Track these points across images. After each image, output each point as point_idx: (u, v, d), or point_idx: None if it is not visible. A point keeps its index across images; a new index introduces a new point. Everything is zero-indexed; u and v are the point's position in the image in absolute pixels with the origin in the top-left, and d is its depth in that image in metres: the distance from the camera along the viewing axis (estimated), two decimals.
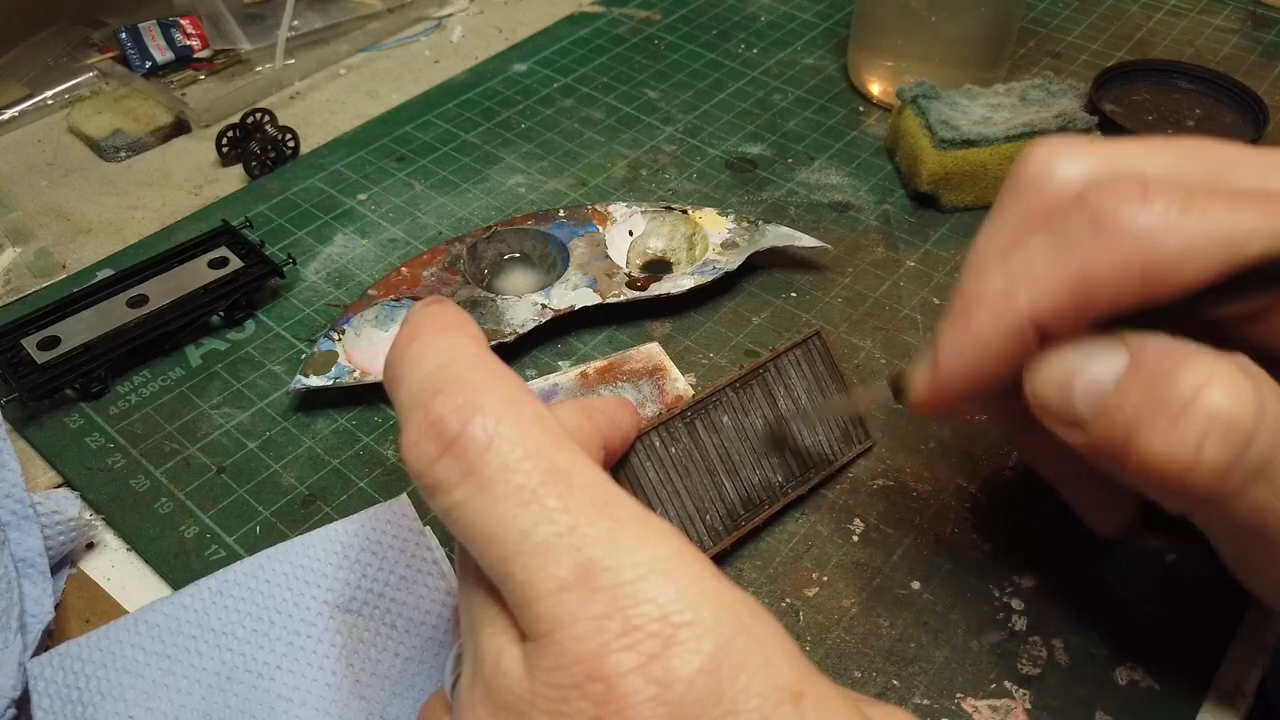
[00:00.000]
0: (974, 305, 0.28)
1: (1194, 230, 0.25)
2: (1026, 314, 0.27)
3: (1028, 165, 0.29)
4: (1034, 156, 0.29)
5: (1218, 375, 0.25)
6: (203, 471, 0.41)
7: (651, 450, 0.34)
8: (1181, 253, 0.25)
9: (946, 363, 0.29)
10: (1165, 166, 0.28)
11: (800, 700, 0.21)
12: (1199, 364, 0.25)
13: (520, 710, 0.21)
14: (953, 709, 0.33)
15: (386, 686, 0.32)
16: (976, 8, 0.55)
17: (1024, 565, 0.37)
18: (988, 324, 0.28)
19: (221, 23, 0.64)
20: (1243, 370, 0.25)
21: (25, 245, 0.51)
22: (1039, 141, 0.29)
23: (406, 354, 0.25)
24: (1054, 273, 0.26)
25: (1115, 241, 0.25)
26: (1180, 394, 0.25)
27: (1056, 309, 0.27)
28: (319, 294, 0.49)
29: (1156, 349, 0.26)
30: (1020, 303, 0.27)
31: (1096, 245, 0.26)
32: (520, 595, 0.22)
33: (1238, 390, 0.24)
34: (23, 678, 0.32)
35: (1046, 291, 0.27)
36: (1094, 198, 0.26)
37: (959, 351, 0.29)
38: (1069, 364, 0.27)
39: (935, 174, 0.51)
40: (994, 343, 0.28)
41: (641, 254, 0.50)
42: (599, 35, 0.67)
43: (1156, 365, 0.26)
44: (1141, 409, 0.25)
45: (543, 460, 0.22)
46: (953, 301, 0.29)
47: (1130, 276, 0.25)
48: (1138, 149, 0.28)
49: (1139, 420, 0.25)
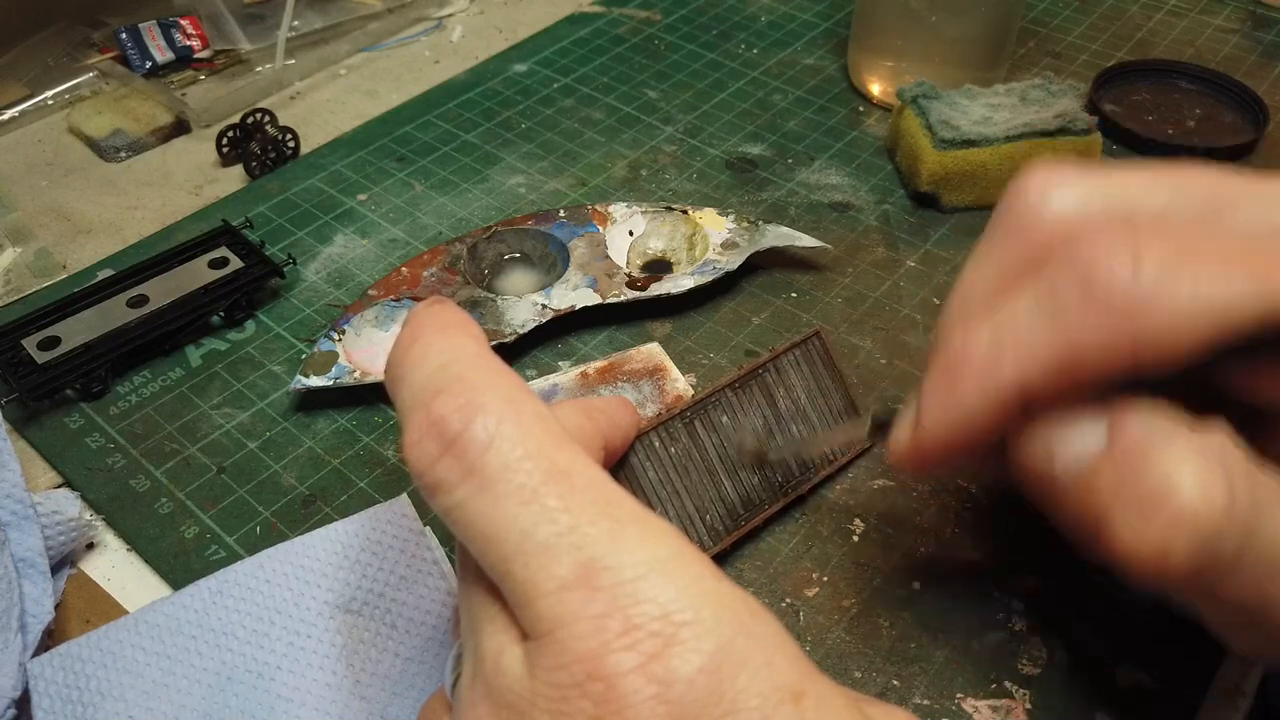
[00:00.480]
0: (959, 368, 0.27)
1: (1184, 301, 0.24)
2: (1013, 384, 0.26)
3: (1020, 198, 0.28)
4: (1027, 188, 0.28)
5: (1188, 467, 0.24)
6: (203, 471, 0.41)
7: (651, 450, 0.34)
8: (1171, 325, 0.24)
9: (929, 426, 0.28)
10: (1162, 203, 0.27)
11: (801, 700, 0.21)
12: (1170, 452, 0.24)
13: (521, 709, 0.21)
14: (953, 709, 0.33)
15: (387, 686, 0.32)
16: (976, 8, 0.55)
17: (1024, 565, 0.37)
18: (972, 390, 0.27)
19: (221, 23, 0.64)
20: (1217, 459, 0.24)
21: (25, 245, 0.51)
22: (1032, 170, 0.28)
23: (408, 354, 0.25)
24: (1041, 342, 0.26)
25: (1104, 312, 0.25)
26: (1149, 486, 0.24)
27: (1043, 379, 0.26)
28: (319, 294, 0.49)
29: (1135, 430, 0.25)
30: (1006, 372, 0.26)
31: (1084, 313, 0.25)
32: (521, 594, 0.22)
33: (1206, 485, 0.24)
34: (23, 678, 0.32)
35: (1033, 361, 0.26)
36: (1083, 256, 0.25)
37: (942, 416, 0.28)
38: (1051, 436, 0.27)
39: (935, 174, 0.51)
40: (978, 409, 0.27)
41: (641, 254, 0.50)
42: (599, 35, 0.67)
43: (1131, 449, 0.25)
44: (1114, 496, 0.25)
45: (544, 460, 0.22)
46: (937, 355, 0.28)
47: (1119, 350, 0.25)
48: (1135, 183, 0.27)
49: (1111, 507, 0.25)
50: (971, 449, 0.28)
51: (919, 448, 0.29)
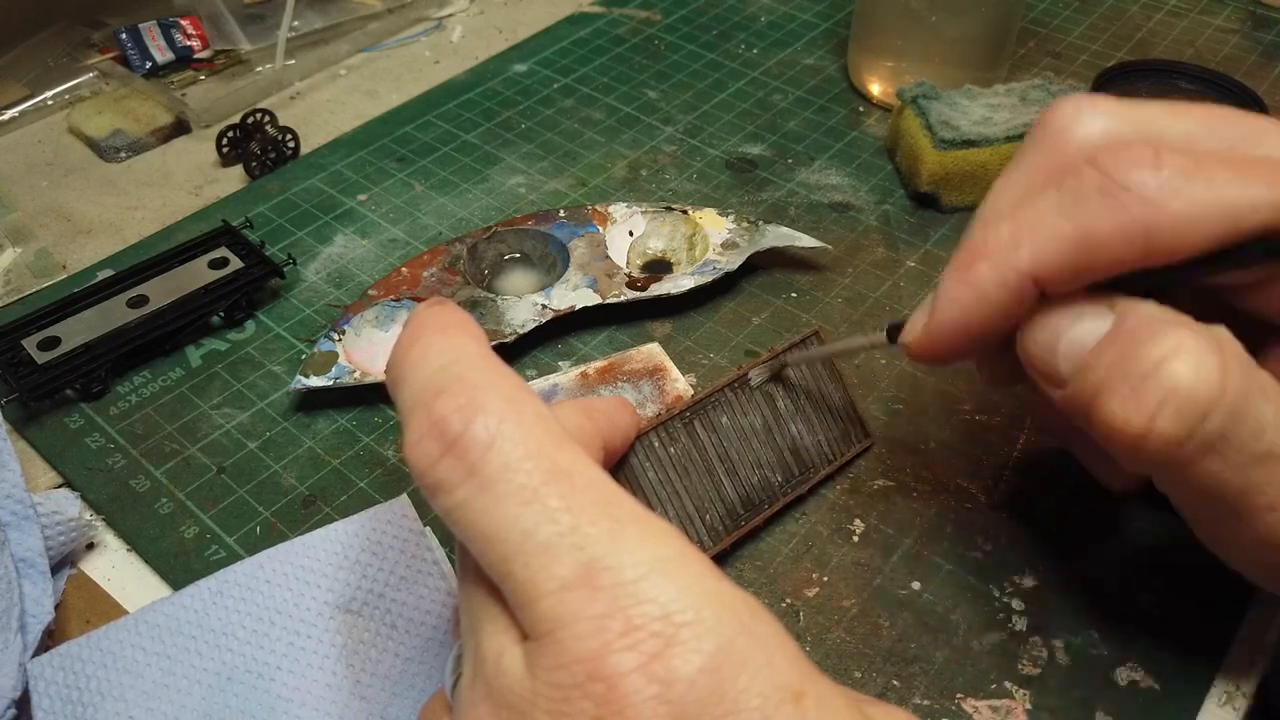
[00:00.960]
0: (977, 256, 0.28)
1: (1198, 197, 0.25)
2: (1027, 268, 0.27)
3: (1052, 119, 0.29)
4: (1059, 110, 0.29)
5: (1185, 348, 0.25)
6: (203, 472, 0.41)
7: (651, 451, 0.34)
8: (1185, 218, 0.25)
9: (944, 311, 0.29)
10: (1187, 132, 0.28)
11: (802, 700, 0.21)
12: (1170, 335, 0.25)
13: (522, 710, 0.21)
14: (953, 709, 0.33)
15: (386, 687, 0.32)
16: (976, 8, 0.55)
17: (1024, 565, 0.37)
18: (988, 275, 0.28)
19: (221, 23, 0.64)
20: (1214, 345, 0.25)
21: (25, 245, 0.51)
22: (1062, 98, 0.29)
23: (409, 354, 0.25)
24: (1058, 230, 0.27)
25: (1120, 202, 0.26)
26: (1145, 362, 0.25)
27: (1058, 265, 0.27)
28: (319, 294, 0.49)
29: (1138, 317, 0.26)
30: (1022, 257, 0.27)
31: (1102, 205, 0.26)
32: (522, 594, 0.22)
33: (1201, 364, 0.25)
34: (23, 678, 0.32)
35: (1049, 247, 0.27)
36: (1105, 158, 0.27)
37: (957, 300, 0.29)
38: (1059, 323, 0.28)
39: (935, 174, 0.51)
40: (992, 294, 0.28)
41: (641, 254, 0.50)
42: (599, 35, 0.67)
43: (1132, 332, 0.26)
44: (1109, 373, 0.26)
45: (544, 460, 0.22)
46: (958, 250, 0.29)
47: (1133, 238, 0.26)
48: (1163, 111, 0.28)
49: (1105, 383, 0.26)
50: (983, 337, 0.29)
51: (933, 334, 0.30)
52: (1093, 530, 0.38)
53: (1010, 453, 0.41)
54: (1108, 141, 0.28)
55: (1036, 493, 0.39)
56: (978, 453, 0.41)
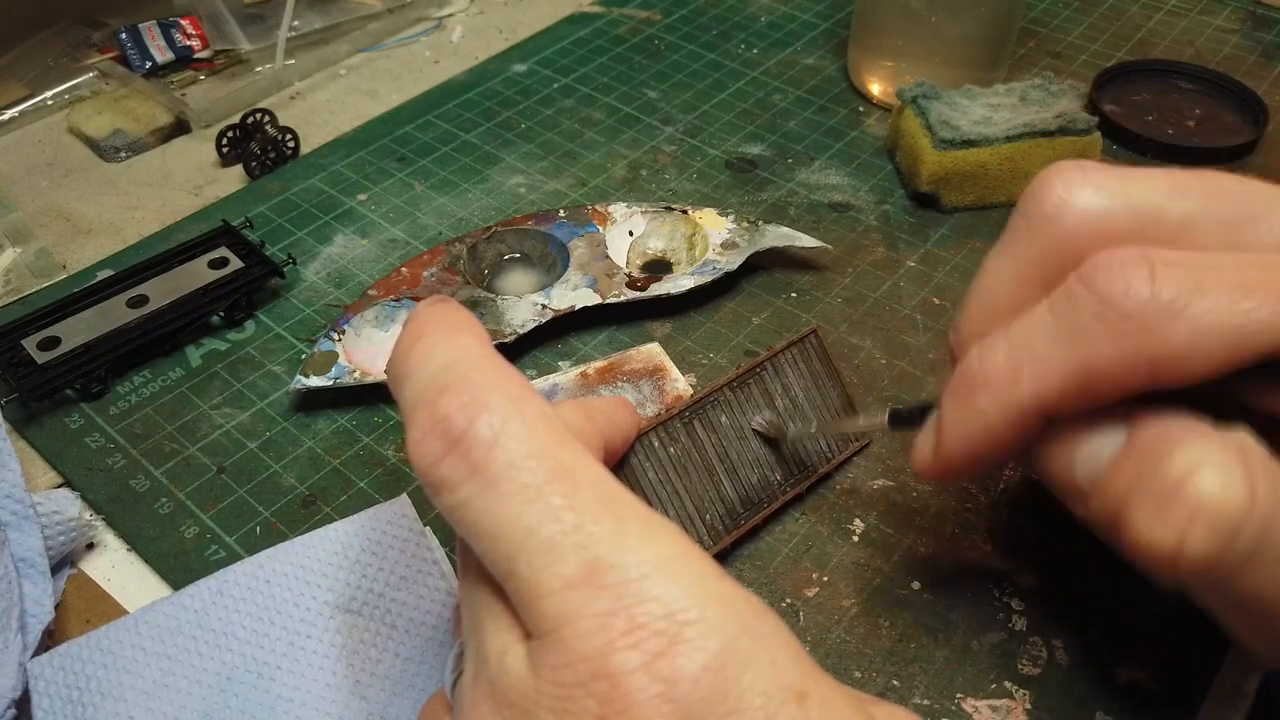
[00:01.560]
0: (977, 385, 0.28)
1: (1202, 322, 0.24)
2: (1031, 401, 0.27)
3: (1043, 196, 0.28)
4: (1050, 186, 0.28)
5: (1209, 461, 0.24)
6: (203, 471, 0.41)
7: (651, 450, 0.34)
8: (1189, 348, 0.24)
9: (950, 441, 0.29)
10: (1185, 213, 0.27)
11: (805, 700, 0.21)
12: (1191, 448, 0.24)
13: (524, 708, 0.21)
14: (953, 709, 0.33)
15: (386, 686, 0.32)
16: (976, 8, 0.55)
17: (1024, 565, 0.37)
18: (991, 408, 0.27)
19: (221, 23, 0.64)
20: (1238, 454, 0.24)
21: (25, 245, 0.51)
22: (1057, 167, 0.28)
23: (412, 352, 0.25)
24: (1058, 360, 0.26)
25: (1120, 334, 0.25)
26: (1169, 479, 0.24)
27: (1061, 396, 0.26)
28: (319, 294, 0.49)
29: (1154, 427, 0.25)
30: (1024, 391, 0.27)
31: (1100, 334, 0.25)
32: (525, 593, 0.22)
33: (1228, 477, 0.24)
34: (23, 678, 0.32)
35: (1050, 380, 0.26)
36: (1101, 278, 0.25)
37: (962, 432, 0.28)
38: (1072, 445, 0.27)
39: (935, 174, 0.51)
40: (997, 426, 0.27)
41: (641, 254, 0.50)
42: (599, 35, 0.67)
43: (1151, 445, 0.25)
44: (1131, 490, 0.25)
45: (548, 458, 0.22)
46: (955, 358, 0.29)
47: (1137, 369, 0.25)
48: (1160, 187, 0.27)
49: (1129, 501, 0.25)
50: (994, 460, 0.29)
51: (942, 462, 0.29)
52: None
53: None
54: (1104, 226, 0.27)
55: (1037, 493, 0.39)
56: None
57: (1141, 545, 0.25)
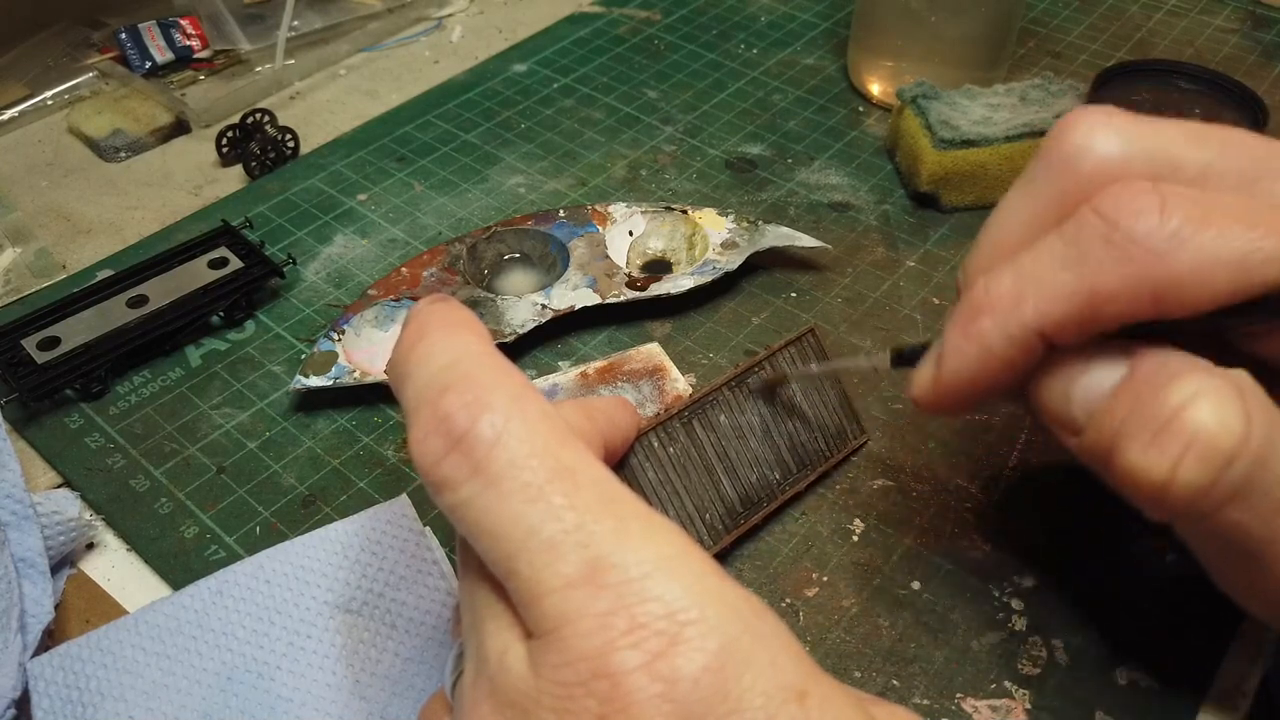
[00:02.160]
0: (981, 310, 0.28)
1: (1207, 251, 0.24)
2: (1033, 324, 0.27)
3: (1063, 137, 0.28)
4: (1072, 128, 0.28)
5: (1205, 393, 0.24)
6: (203, 471, 0.41)
7: (650, 450, 0.34)
8: (1193, 273, 0.24)
9: (950, 366, 0.29)
10: (1203, 161, 0.27)
11: (805, 699, 0.21)
12: (1189, 380, 0.24)
13: (525, 707, 0.21)
14: (953, 709, 0.33)
15: (386, 686, 0.32)
16: (976, 8, 0.55)
17: (1024, 565, 0.37)
18: (993, 331, 0.27)
19: (221, 23, 0.64)
20: (1236, 389, 0.24)
21: (25, 245, 0.51)
22: (1078, 112, 0.28)
23: (414, 351, 0.25)
24: (1063, 286, 0.26)
25: (1126, 257, 0.25)
26: (1165, 409, 0.24)
27: (1064, 321, 0.26)
28: (319, 294, 0.49)
29: (1154, 361, 0.26)
30: (1027, 313, 0.27)
31: (1107, 258, 0.25)
32: (526, 592, 0.22)
33: (1223, 410, 0.24)
34: (23, 678, 0.32)
35: (1054, 305, 0.26)
36: (1110, 203, 0.26)
37: (963, 356, 0.28)
38: (1071, 371, 0.27)
39: (935, 174, 0.51)
40: (999, 350, 0.27)
41: (641, 254, 0.50)
42: (599, 35, 0.67)
43: (1149, 377, 0.25)
44: (1127, 420, 0.25)
45: (549, 458, 0.22)
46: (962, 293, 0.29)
47: (1140, 295, 0.25)
48: (1180, 137, 0.27)
49: (1123, 431, 0.25)
50: (992, 390, 0.29)
51: (941, 388, 0.29)
52: (1093, 530, 0.38)
53: (1010, 453, 0.41)
54: (1121, 168, 0.27)
55: (1036, 492, 0.39)
56: (978, 453, 0.41)
57: (1134, 474, 0.25)
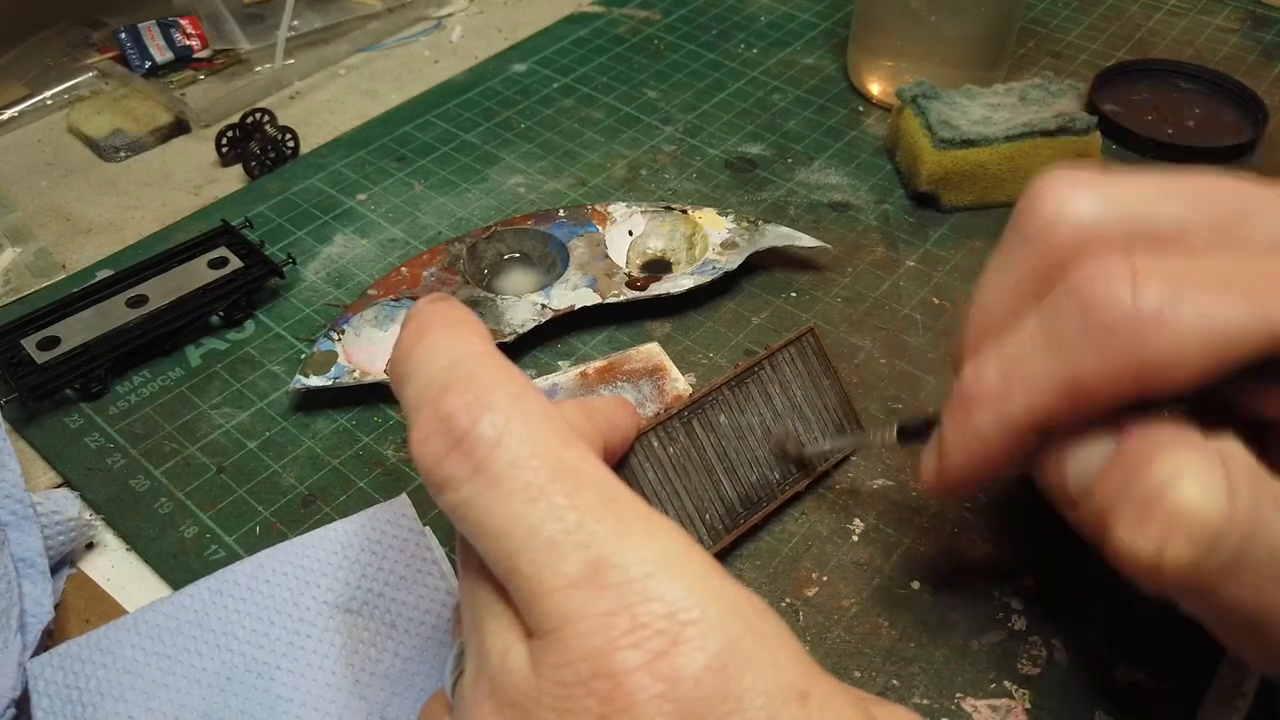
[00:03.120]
0: (972, 402, 0.28)
1: (1185, 327, 0.24)
2: (1024, 416, 0.27)
3: (1036, 204, 0.28)
4: (1043, 194, 0.28)
5: (1187, 470, 0.24)
6: (202, 471, 0.41)
7: (650, 451, 0.34)
8: (1173, 355, 0.24)
9: (951, 458, 0.30)
10: (1178, 218, 0.27)
11: (806, 699, 0.21)
12: (1171, 457, 0.24)
13: (526, 707, 0.21)
14: (952, 709, 0.33)
15: (386, 686, 0.32)
16: (976, 8, 0.55)
17: (1024, 565, 0.37)
18: (986, 424, 0.28)
19: (221, 23, 0.64)
20: (1218, 463, 0.24)
21: (25, 245, 0.51)
22: (1050, 175, 0.28)
23: (414, 350, 0.25)
24: (1046, 374, 0.26)
25: (1105, 346, 0.25)
26: (1148, 486, 0.24)
27: (1052, 409, 0.27)
28: (319, 294, 0.49)
29: (1140, 437, 0.25)
30: (1015, 406, 0.27)
31: (1086, 348, 0.25)
32: (527, 591, 0.22)
33: (1207, 487, 0.24)
34: (23, 678, 0.32)
35: (1040, 394, 0.26)
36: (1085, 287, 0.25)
37: (962, 447, 0.29)
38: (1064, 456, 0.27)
39: (935, 174, 0.51)
40: (994, 441, 0.28)
41: (641, 254, 0.50)
42: (599, 35, 0.67)
43: (1134, 454, 0.25)
44: (1115, 498, 0.25)
45: (551, 458, 0.22)
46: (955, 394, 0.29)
47: (1123, 380, 0.25)
48: (1152, 193, 0.27)
49: (1112, 510, 0.25)
50: (996, 473, 0.29)
51: (945, 478, 0.30)
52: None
53: None
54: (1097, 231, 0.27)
55: (1037, 492, 0.39)
56: None
57: (1124, 553, 0.25)
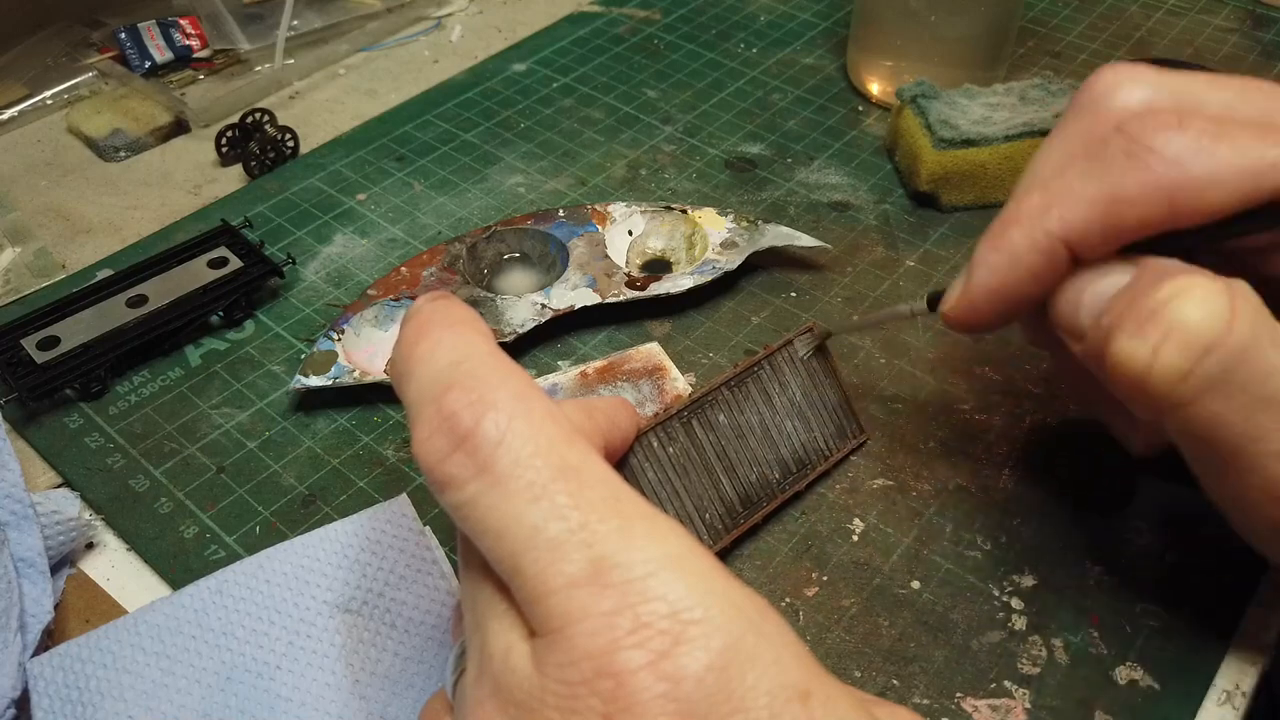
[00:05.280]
0: (1010, 224, 0.29)
1: (1221, 159, 0.26)
2: (1058, 231, 0.28)
3: (1092, 88, 0.30)
4: (1100, 79, 0.30)
5: (1192, 289, 0.26)
6: (202, 471, 0.41)
7: (650, 450, 0.34)
8: (1207, 179, 0.26)
9: (979, 276, 0.30)
10: (1224, 102, 0.29)
11: (808, 699, 0.21)
12: (1179, 278, 0.26)
13: (529, 706, 0.21)
14: (952, 709, 0.33)
15: (386, 686, 0.32)
16: (976, 7, 0.55)
17: (1024, 565, 0.37)
18: (1020, 240, 0.29)
19: (221, 23, 0.64)
20: (1224, 289, 0.26)
21: (25, 245, 0.51)
22: (1106, 66, 0.30)
23: (416, 349, 0.25)
24: (1085, 192, 0.28)
25: (1145, 164, 0.27)
26: (1154, 302, 0.26)
27: (1086, 227, 0.28)
28: (319, 294, 0.49)
29: (1156, 267, 0.27)
30: (1051, 220, 0.28)
31: (1127, 167, 0.27)
32: (530, 591, 0.22)
33: (1207, 304, 0.26)
34: (23, 678, 0.32)
35: (1077, 210, 0.28)
36: (1133, 123, 0.28)
37: (991, 266, 0.30)
38: (1084, 280, 0.29)
39: (935, 174, 0.51)
40: (1025, 258, 0.29)
41: (641, 254, 0.50)
42: (599, 35, 0.67)
43: (1146, 278, 0.27)
44: (1120, 315, 0.27)
45: (554, 457, 0.22)
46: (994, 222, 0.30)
47: (1157, 199, 0.27)
48: (1201, 82, 0.29)
49: (1115, 325, 0.27)
50: (1017, 303, 0.30)
51: (969, 299, 0.31)
52: (1092, 529, 0.38)
53: (1010, 453, 0.41)
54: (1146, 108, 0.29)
55: (1037, 492, 0.39)
56: (977, 452, 0.41)
57: (1119, 362, 0.27)
